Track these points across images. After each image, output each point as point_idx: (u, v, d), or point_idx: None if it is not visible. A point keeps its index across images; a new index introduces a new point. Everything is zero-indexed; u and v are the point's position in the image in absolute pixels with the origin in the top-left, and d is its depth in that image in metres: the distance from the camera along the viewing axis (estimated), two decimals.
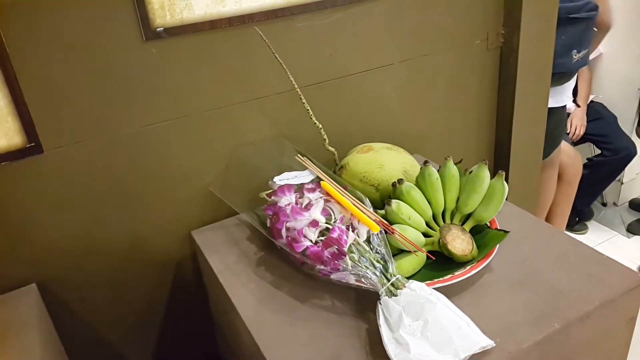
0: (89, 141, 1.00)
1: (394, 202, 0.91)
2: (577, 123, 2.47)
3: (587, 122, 2.49)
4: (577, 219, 2.69)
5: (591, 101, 2.59)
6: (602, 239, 2.63)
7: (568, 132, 2.51)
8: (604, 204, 2.90)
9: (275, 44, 1.06)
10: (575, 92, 2.56)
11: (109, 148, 1.02)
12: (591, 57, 2.55)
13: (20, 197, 0.98)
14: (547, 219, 2.44)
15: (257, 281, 0.95)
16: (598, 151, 2.64)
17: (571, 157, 2.38)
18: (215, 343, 1.29)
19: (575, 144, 2.56)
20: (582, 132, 2.49)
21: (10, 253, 1.00)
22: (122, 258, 1.12)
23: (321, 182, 0.96)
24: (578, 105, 2.48)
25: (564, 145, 2.34)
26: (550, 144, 2.12)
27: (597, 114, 2.55)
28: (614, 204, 2.87)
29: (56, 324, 1.05)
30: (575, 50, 1.88)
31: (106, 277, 1.12)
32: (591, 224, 2.74)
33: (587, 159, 2.65)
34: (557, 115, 2.04)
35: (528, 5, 1.35)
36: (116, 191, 1.06)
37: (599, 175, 2.58)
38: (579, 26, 1.85)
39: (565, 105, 2.08)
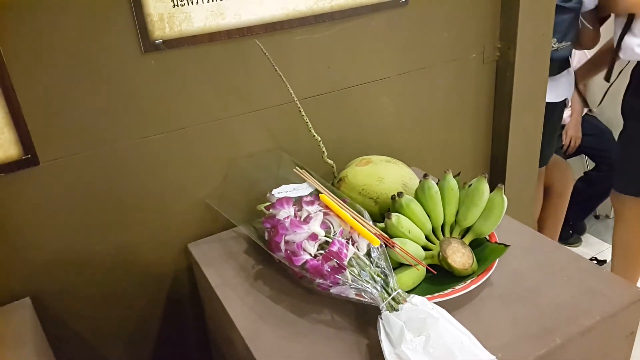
0: (86, 153, 0.99)
1: (394, 216, 0.91)
2: (573, 135, 2.48)
3: (584, 135, 2.49)
4: (570, 232, 2.69)
5: (585, 114, 2.61)
6: (596, 251, 2.64)
7: (562, 144, 2.52)
8: (597, 217, 2.91)
9: (274, 57, 1.06)
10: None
11: (105, 160, 1.02)
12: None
13: (15, 209, 0.97)
14: (539, 231, 2.45)
15: (255, 295, 0.94)
16: (591, 164, 2.65)
17: (562, 170, 2.39)
18: (211, 357, 1.28)
19: (568, 156, 2.57)
20: (577, 145, 2.50)
21: (4, 266, 0.99)
22: (117, 271, 1.11)
23: (320, 194, 0.95)
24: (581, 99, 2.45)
25: (555, 157, 2.34)
26: (549, 145, 2.11)
27: (593, 127, 2.56)
28: (607, 216, 2.89)
29: (50, 339, 1.03)
30: (555, 39, 1.85)
31: (101, 291, 1.10)
32: (584, 237, 2.75)
33: (584, 172, 2.66)
34: (553, 112, 2.01)
35: (524, 19, 1.36)
36: (112, 204, 1.05)
37: (595, 190, 2.59)
38: (562, 15, 1.82)
39: (562, 102, 2.06)
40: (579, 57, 2.43)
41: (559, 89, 2.00)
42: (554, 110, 2.02)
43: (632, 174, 1.95)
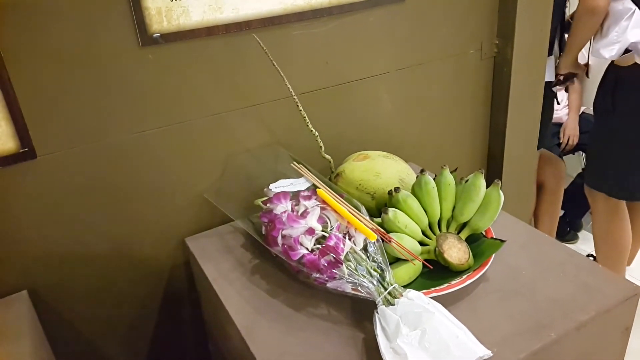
0: (83, 147, 0.99)
1: (391, 211, 0.91)
2: (570, 133, 2.49)
3: (581, 133, 2.50)
4: (568, 229, 2.70)
5: (582, 112, 2.61)
6: (592, 248, 2.63)
7: (560, 142, 2.53)
8: None
9: (272, 52, 1.06)
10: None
11: (102, 154, 1.02)
12: None
13: (12, 202, 0.97)
14: (536, 227, 2.45)
15: (252, 289, 0.94)
16: None
17: (554, 166, 2.39)
18: (208, 352, 1.28)
19: (565, 153, 2.57)
20: (574, 142, 2.51)
21: (1, 259, 0.99)
22: (114, 265, 1.11)
23: (317, 189, 0.95)
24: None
25: (547, 153, 2.35)
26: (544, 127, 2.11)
27: (590, 125, 2.57)
28: None
29: (47, 332, 1.03)
30: None
31: (98, 285, 1.10)
32: (581, 234, 2.76)
33: (582, 168, 2.66)
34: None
35: (522, 16, 1.36)
36: (109, 198, 1.05)
37: None
38: None
39: (549, 82, 2.06)
40: None
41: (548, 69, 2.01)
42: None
43: (599, 170, 1.98)
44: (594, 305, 0.83)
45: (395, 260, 0.89)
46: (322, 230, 0.87)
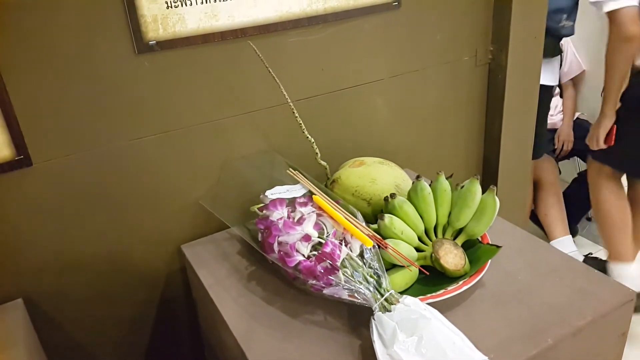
0: (79, 154, 0.99)
1: (387, 217, 0.91)
2: (565, 139, 2.50)
3: (576, 138, 2.52)
4: None
5: (577, 118, 2.62)
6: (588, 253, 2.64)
7: (555, 147, 2.53)
8: (589, 219, 2.91)
9: (268, 59, 1.06)
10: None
11: (98, 161, 1.02)
12: (575, 74, 2.59)
13: (8, 210, 0.96)
14: (547, 228, 2.47)
15: (248, 296, 0.94)
16: (583, 165, 2.66)
17: (545, 159, 2.41)
18: (204, 359, 1.27)
19: (560, 159, 2.58)
20: (569, 148, 2.52)
21: None
22: (110, 273, 1.10)
23: (313, 196, 0.95)
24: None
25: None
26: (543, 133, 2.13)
27: (584, 130, 2.58)
28: None
29: (42, 340, 1.03)
30: (564, 15, 1.87)
31: (94, 292, 1.10)
32: (577, 239, 2.76)
33: (578, 173, 2.67)
34: (545, 94, 2.00)
35: (516, 22, 1.37)
36: (105, 205, 1.05)
37: (588, 192, 2.60)
38: None
39: (552, 87, 2.06)
40: (570, 61, 2.45)
41: (554, 72, 2.04)
42: (546, 92, 2.03)
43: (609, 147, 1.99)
44: (590, 310, 0.83)
45: (391, 267, 0.90)
46: (319, 237, 0.87)
